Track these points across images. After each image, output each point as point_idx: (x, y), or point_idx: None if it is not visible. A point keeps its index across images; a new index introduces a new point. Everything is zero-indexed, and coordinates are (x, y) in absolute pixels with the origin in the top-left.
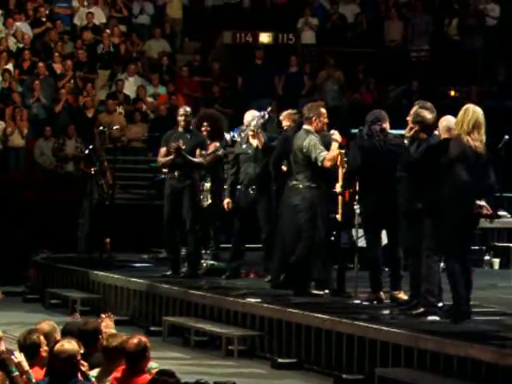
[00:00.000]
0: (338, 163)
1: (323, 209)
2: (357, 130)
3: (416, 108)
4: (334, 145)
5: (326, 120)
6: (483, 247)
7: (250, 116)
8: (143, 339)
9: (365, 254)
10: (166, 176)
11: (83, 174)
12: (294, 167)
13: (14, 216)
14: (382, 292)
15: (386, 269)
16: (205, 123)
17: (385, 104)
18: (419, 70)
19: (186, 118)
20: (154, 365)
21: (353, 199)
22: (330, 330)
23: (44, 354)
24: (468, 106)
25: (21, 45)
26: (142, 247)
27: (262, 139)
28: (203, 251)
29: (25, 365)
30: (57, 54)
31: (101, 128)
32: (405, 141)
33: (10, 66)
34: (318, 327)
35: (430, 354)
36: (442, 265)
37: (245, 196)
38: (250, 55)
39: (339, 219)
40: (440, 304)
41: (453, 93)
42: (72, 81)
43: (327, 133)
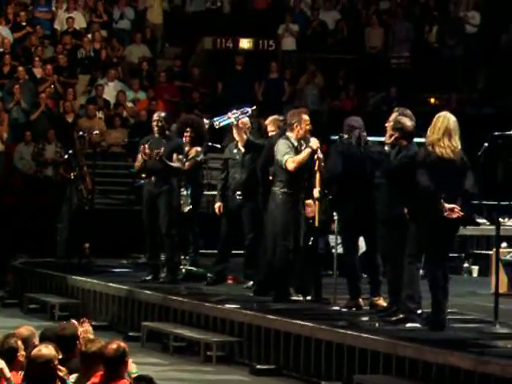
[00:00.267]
0: (316, 168)
1: (297, 215)
2: (337, 137)
3: (395, 115)
4: (306, 150)
5: (309, 127)
6: (462, 254)
7: (240, 121)
8: (122, 344)
9: (343, 261)
10: (144, 181)
11: (62, 179)
12: (275, 173)
13: None
14: (361, 299)
15: (365, 275)
16: (187, 129)
17: (364, 110)
18: (399, 77)
19: (159, 124)
20: (134, 369)
21: (330, 205)
22: (309, 337)
23: (21, 359)
24: (440, 114)
25: (1, 49)
26: (122, 252)
27: (244, 135)
28: (182, 257)
29: (6, 372)
30: (37, 59)
31: (80, 133)
32: (385, 147)
33: None
34: (297, 334)
35: (409, 361)
36: (421, 272)
37: (231, 201)
38: (231, 61)
39: (316, 225)
40: (419, 311)
41: (433, 100)
42: (52, 85)
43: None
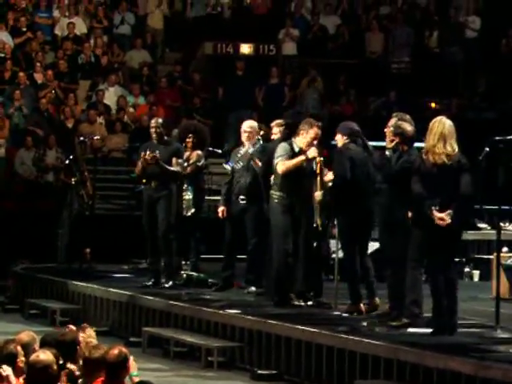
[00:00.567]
0: (318, 171)
1: (294, 218)
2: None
3: (395, 120)
4: (300, 157)
5: (316, 141)
6: (463, 259)
7: (248, 125)
8: (124, 350)
9: (343, 265)
10: (144, 186)
11: (63, 185)
12: (274, 177)
13: None
14: (362, 304)
15: None
16: (190, 135)
17: (365, 115)
18: (400, 82)
19: (157, 130)
20: (135, 372)
21: (332, 210)
22: (310, 342)
23: (21, 365)
24: (435, 119)
25: (2, 54)
26: (122, 258)
27: (259, 164)
28: (183, 262)
29: (12, 379)
30: (38, 64)
31: (81, 138)
32: (386, 152)
33: None
34: (298, 339)
35: (410, 366)
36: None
37: (234, 205)
38: (231, 66)
39: (319, 229)
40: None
41: (433, 105)
42: (53, 91)
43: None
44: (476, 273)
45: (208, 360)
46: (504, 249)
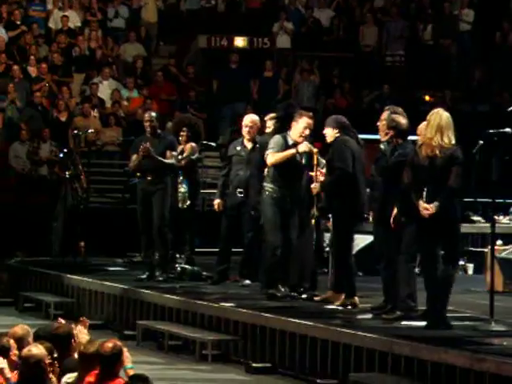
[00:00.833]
0: (315, 162)
1: (284, 210)
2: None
3: (388, 113)
4: (290, 150)
5: (307, 131)
6: None
7: (249, 119)
8: (118, 343)
9: (339, 259)
10: (139, 179)
11: (57, 178)
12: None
13: None
14: (357, 297)
15: (360, 273)
16: (184, 128)
17: (359, 108)
18: (394, 75)
19: (152, 123)
20: (129, 364)
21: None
22: (305, 335)
23: (14, 358)
24: (433, 112)
25: None
26: (117, 251)
27: None
28: (177, 255)
29: (7, 372)
30: (32, 58)
31: (75, 131)
32: (381, 146)
33: None
34: (293, 332)
35: (405, 359)
36: (417, 270)
37: (232, 198)
38: (225, 59)
39: (313, 223)
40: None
41: (427, 97)
42: (47, 84)
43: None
44: (470, 266)
45: (202, 353)
46: (498, 242)
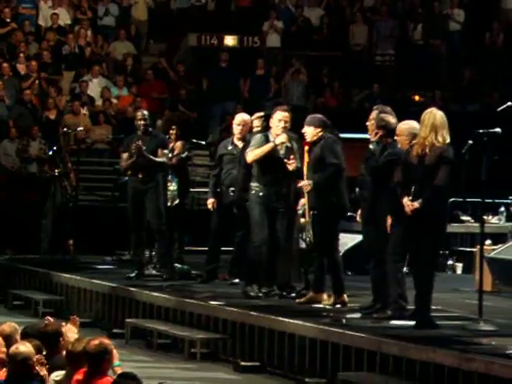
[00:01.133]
0: (306, 160)
1: (270, 209)
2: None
3: (377, 113)
4: (268, 145)
5: (283, 124)
6: (446, 252)
7: (241, 118)
8: (105, 341)
9: (328, 257)
10: (130, 178)
11: (47, 176)
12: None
13: None
14: (346, 295)
15: (349, 273)
16: (173, 127)
17: (349, 108)
18: (384, 75)
19: (145, 122)
20: (117, 362)
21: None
22: (293, 334)
23: (1, 356)
24: (426, 111)
25: None
26: (106, 249)
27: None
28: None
29: None
30: (21, 55)
31: (65, 129)
32: (370, 146)
33: None
34: (282, 331)
35: (393, 359)
36: (405, 269)
37: (224, 196)
38: (215, 58)
39: (306, 219)
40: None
41: (417, 97)
42: (36, 82)
43: (293, 135)
44: (459, 265)
45: (191, 352)
46: (487, 241)
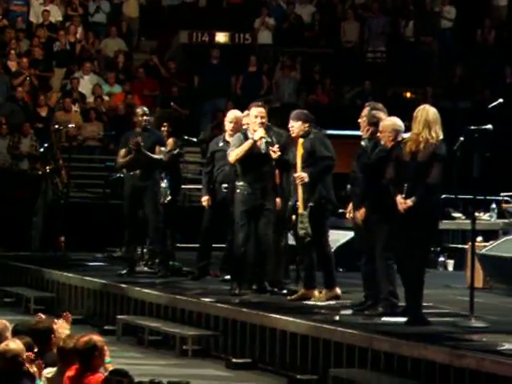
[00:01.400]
0: (299, 153)
1: (257, 206)
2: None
3: (368, 110)
4: (248, 142)
5: (259, 119)
6: (437, 248)
7: (233, 115)
8: (94, 338)
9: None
10: (127, 174)
11: (38, 173)
12: None
13: None
14: (338, 288)
15: (341, 269)
16: (165, 124)
17: (340, 104)
18: (375, 72)
19: (146, 118)
20: (108, 359)
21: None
22: (285, 330)
23: None
24: (419, 108)
25: None
26: (97, 246)
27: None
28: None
29: None
30: (12, 52)
31: (56, 126)
32: (362, 142)
33: None
34: (273, 327)
35: (384, 355)
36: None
37: (216, 193)
38: (207, 55)
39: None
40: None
41: (409, 94)
42: (28, 78)
43: (283, 131)
44: (450, 262)
45: (183, 348)
46: (479, 238)
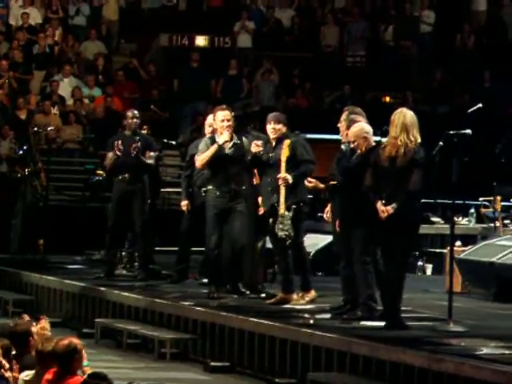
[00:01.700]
0: (286, 154)
1: (228, 209)
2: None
3: (347, 114)
4: (213, 146)
5: (224, 123)
6: (416, 253)
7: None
8: (74, 341)
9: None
10: (115, 178)
11: (17, 175)
12: None
13: None
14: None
15: (320, 273)
16: (145, 126)
17: (320, 109)
18: (354, 76)
19: (136, 121)
20: (85, 362)
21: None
22: (263, 334)
23: None
24: (396, 112)
25: None
26: (76, 249)
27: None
28: (136, 253)
29: None
30: None
31: (35, 129)
32: (342, 146)
33: None
34: (252, 331)
35: (363, 359)
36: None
37: (196, 197)
38: (186, 58)
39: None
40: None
41: (388, 98)
42: (7, 81)
43: (262, 135)
44: (429, 266)
45: (161, 351)
46: (457, 243)
